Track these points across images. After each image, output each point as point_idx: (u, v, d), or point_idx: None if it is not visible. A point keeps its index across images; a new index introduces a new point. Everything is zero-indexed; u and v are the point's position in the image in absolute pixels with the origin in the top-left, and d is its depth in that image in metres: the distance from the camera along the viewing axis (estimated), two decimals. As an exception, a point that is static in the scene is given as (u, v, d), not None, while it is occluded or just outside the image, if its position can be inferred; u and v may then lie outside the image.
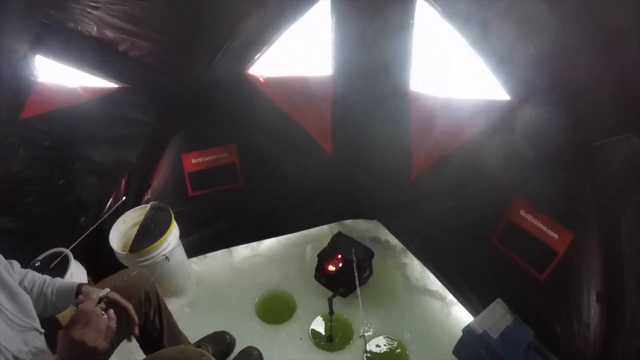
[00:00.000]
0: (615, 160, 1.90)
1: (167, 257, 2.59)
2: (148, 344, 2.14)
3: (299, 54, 2.73)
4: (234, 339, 2.67)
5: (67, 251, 2.45)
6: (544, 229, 2.27)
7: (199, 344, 2.52)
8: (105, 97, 2.55)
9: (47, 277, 1.78)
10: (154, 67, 2.55)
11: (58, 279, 1.80)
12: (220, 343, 2.61)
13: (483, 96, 2.38)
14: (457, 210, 2.77)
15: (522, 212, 2.38)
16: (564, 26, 1.79)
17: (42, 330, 1.53)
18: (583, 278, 2.10)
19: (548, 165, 2.19)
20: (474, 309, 2.70)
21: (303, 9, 2.46)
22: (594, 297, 2.04)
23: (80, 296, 1.61)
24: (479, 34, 2.14)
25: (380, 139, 3.03)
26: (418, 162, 2.94)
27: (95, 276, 2.62)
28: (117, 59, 2.45)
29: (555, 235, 2.22)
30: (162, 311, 2.12)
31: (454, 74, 2.51)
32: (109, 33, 2.33)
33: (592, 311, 2.06)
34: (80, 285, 1.72)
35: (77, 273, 2.47)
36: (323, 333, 2.81)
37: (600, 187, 1.99)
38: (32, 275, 1.75)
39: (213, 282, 3.16)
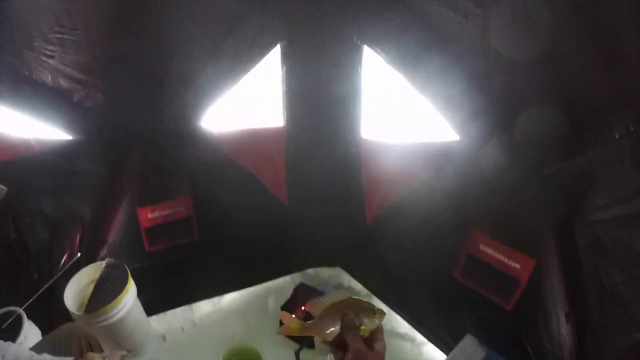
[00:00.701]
0: (566, 184, 1.98)
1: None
2: None
3: (251, 105, 2.77)
4: None
5: (20, 310, 2.33)
6: (505, 259, 2.32)
7: None
8: (56, 148, 2.49)
9: (33, 354, 1.67)
10: (108, 118, 2.52)
11: (46, 357, 1.69)
12: None
13: (432, 138, 2.47)
14: (417, 249, 2.80)
15: (482, 246, 2.43)
16: (512, 69, 1.91)
17: None
18: (549, 302, 2.15)
19: (502, 197, 2.26)
20: (445, 347, 2.70)
21: (254, 60, 2.51)
22: (563, 319, 2.08)
23: None
24: (424, 77, 2.24)
25: (334, 185, 3.08)
26: (372, 206, 2.99)
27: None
28: (70, 109, 2.41)
29: (517, 265, 2.27)
30: None
31: (402, 118, 2.59)
32: (63, 83, 2.31)
33: (564, 332, 2.10)
34: None
35: (30, 333, 2.35)
36: None
37: (554, 212, 2.07)
38: (16, 350, 1.63)
39: (174, 340, 3.04)
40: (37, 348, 1.83)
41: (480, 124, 2.19)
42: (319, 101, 2.74)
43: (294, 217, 3.21)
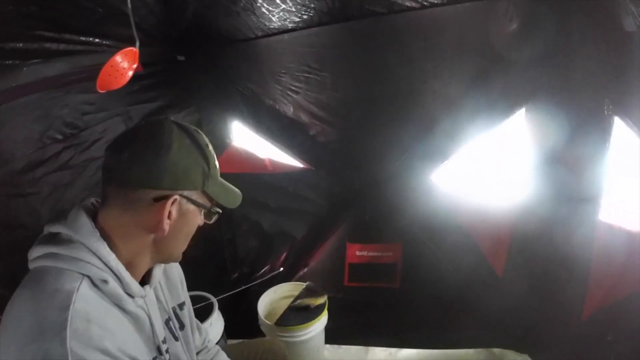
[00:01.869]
0: None
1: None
2: None
3: (487, 169, 2.68)
4: None
5: (214, 299, 2.56)
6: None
7: None
8: (287, 172, 2.68)
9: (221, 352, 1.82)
10: (338, 154, 2.63)
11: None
12: None
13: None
14: (626, 356, 2.40)
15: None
16: None
17: None
18: None
19: None
20: None
21: (496, 120, 2.41)
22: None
23: None
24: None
25: (556, 268, 2.78)
26: (594, 299, 2.61)
27: (228, 332, 2.69)
28: (305, 140, 2.57)
29: None
30: None
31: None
32: (303, 116, 2.51)
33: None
34: None
35: (216, 323, 2.55)
36: None
37: None
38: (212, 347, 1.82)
39: None
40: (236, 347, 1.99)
41: None
42: (559, 175, 2.52)
43: (503, 291, 2.96)
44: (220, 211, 1.35)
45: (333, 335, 3.06)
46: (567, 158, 2.46)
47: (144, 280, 1.30)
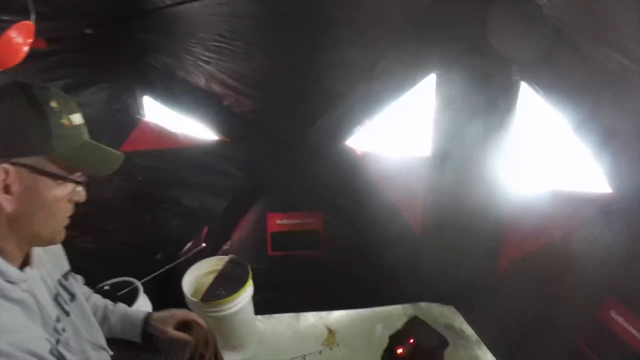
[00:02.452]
0: None
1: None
2: None
3: (399, 131, 2.79)
4: None
5: (138, 283, 2.51)
6: (638, 335, 2.05)
7: None
8: (203, 146, 2.66)
9: (108, 303, 1.77)
10: (254, 125, 2.64)
11: (121, 306, 1.78)
12: None
13: (582, 188, 2.29)
14: (543, 305, 2.59)
15: (613, 314, 2.16)
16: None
17: (111, 352, 1.52)
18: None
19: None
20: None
21: (408, 85, 2.51)
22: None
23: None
24: (587, 121, 2.08)
25: (473, 223, 2.96)
26: (508, 252, 2.82)
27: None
28: (220, 112, 2.58)
29: (653, 344, 2.00)
30: (217, 357, 2.03)
31: (553, 163, 2.46)
32: (215, 87, 2.49)
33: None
34: (149, 317, 1.74)
35: (143, 306, 2.50)
36: None
37: None
38: (95, 300, 1.75)
39: (274, 344, 3.07)
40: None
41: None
42: (470, 135, 2.66)
43: (422, 247, 3.13)
44: (83, 180, 1.19)
45: (264, 306, 3.11)
46: (475, 121, 2.60)
47: (26, 263, 1.18)
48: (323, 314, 3.29)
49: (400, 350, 2.82)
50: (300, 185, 2.91)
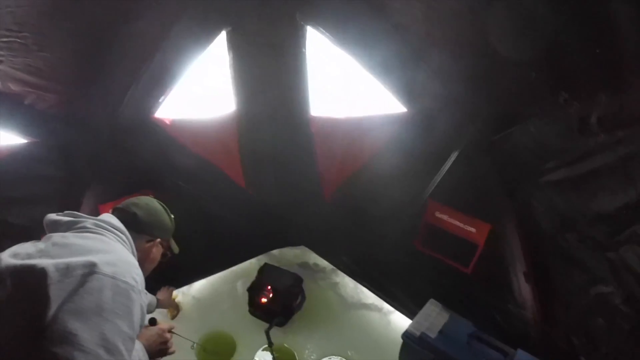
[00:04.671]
0: (517, 149, 2.01)
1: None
2: None
3: (202, 93, 2.72)
4: None
5: None
6: (461, 225, 2.37)
7: None
8: (13, 153, 2.36)
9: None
10: (61, 118, 2.39)
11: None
12: None
13: (380, 111, 2.48)
14: (376, 221, 2.82)
15: (437, 214, 2.47)
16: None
17: None
18: (508, 262, 2.21)
19: (454, 165, 2.28)
20: (411, 314, 2.72)
21: (201, 46, 2.42)
22: (523, 278, 2.15)
23: None
24: (368, 54, 2.23)
25: (290, 165, 3.05)
26: (329, 183, 2.98)
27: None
28: (23, 112, 2.28)
29: (473, 229, 2.32)
30: None
31: (350, 93, 2.60)
32: (13, 87, 2.18)
33: (524, 291, 2.17)
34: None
35: None
36: None
37: (507, 177, 2.11)
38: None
39: None
40: None
41: (429, 96, 2.20)
42: (267, 83, 2.69)
43: (254, 200, 3.17)
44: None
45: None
46: (270, 69, 2.63)
47: None
48: (184, 289, 3.21)
49: (260, 299, 2.91)
50: (124, 169, 2.70)
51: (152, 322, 1.92)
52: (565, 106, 1.71)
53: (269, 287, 2.90)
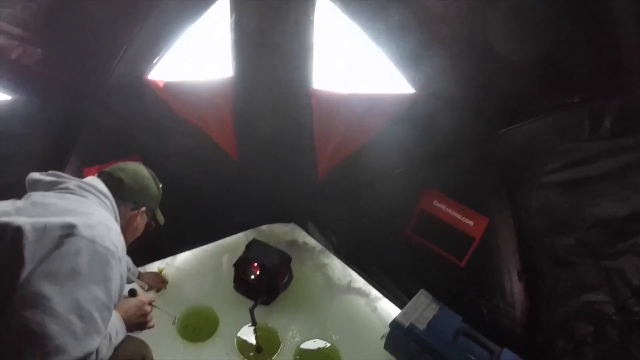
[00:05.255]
0: (520, 145, 1.98)
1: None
2: None
3: (199, 56, 2.63)
4: None
5: None
6: (459, 216, 2.34)
7: None
8: None
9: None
10: (48, 75, 2.32)
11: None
12: None
13: (386, 90, 2.40)
14: (370, 205, 2.80)
15: (435, 202, 2.44)
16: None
17: None
18: (502, 260, 2.19)
19: (457, 154, 2.25)
20: (399, 302, 2.74)
21: (202, 8, 2.36)
22: (516, 277, 2.14)
23: None
24: (384, 31, 2.16)
25: (286, 139, 3.01)
26: (324, 161, 2.94)
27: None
28: (8, 67, 2.21)
29: (470, 222, 2.30)
30: None
31: (356, 69, 2.51)
32: None
33: (516, 290, 2.16)
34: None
35: None
36: (249, 344, 2.67)
37: (508, 172, 2.08)
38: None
39: None
40: None
41: (440, 80, 2.14)
42: (269, 51, 2.63)
43: (245, 172, 3.12)
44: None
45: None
46: (274, 35, 2.57)
47: None
48: (168, 260, 3.19)
49: (246, 276, 2.87)
50: (113, 132, 2.63)
51: (132, 293, 1.85)
52: (578, 106, 1.68)
53: (256, 264, 2.85)
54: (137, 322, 1.75)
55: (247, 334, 2.73)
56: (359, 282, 3.05)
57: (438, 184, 2.42)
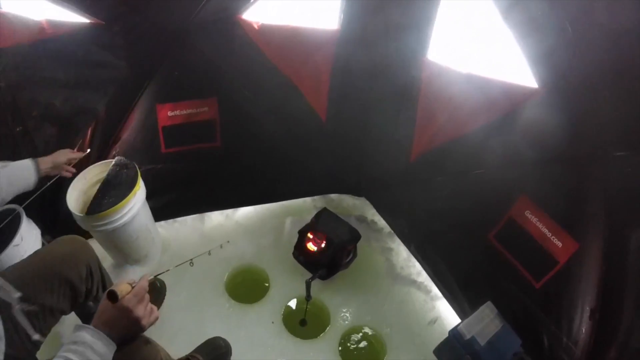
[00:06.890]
0: (634, 175, 1.86)
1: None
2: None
3: (304, 2, 2.61)
4: (229, 346, 2.46)
5: (20, 209, 2.30)
6: (548, 234, 2.24)
7: (189, 356, 2.17)
8: (72, 33, 2.36)
9: None
10: (132, 3, 2.37)
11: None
12: (214, 351, 2.39)
13: (507, 79, 2.26)
14: (455, 199, 2.73)
15: (527, 213, 2.33)
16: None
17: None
18: (580, 292, 2.09)
19: (562, 167, 2.15)
20: (459, 308, 2.70)
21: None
22: (588, 314, 2.04)
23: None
24: (517, 9, 2.02)
25: (384, 110, 2.94)
26: (421, 143, 2.86)
27: (52, 239, 2.31)
28: None
29: (559, 243, 2.19)
30: (105, 284, 2.01)
31: (479, 47, 2.37)
32: None
33: (584, 328, 2.07)
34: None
35: (28, 233, 2.32)
36: (296, 317, 2.73)
37: (614, 200, 1.96)
38: None
39: (180, 250, 3.00)
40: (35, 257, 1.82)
41: (569, 83, 2.00)
42: (386, 8, 2.54)
43: (330, 136, 3.10)
44: None
45: (163, 211, 3.05)
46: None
47: None
48: (229, 212, 3.29)
49: (310, 245, 2.88)
50: (191, 69, 2.67)
51: (112, 296, 1.40)
52: None
53: (324, 235, 2.84)
54: (129, 327, 1.45)
55: (294, 308, 2.78)
56: (422, 275, 3.02)
57: (534, 193, 2.31)
